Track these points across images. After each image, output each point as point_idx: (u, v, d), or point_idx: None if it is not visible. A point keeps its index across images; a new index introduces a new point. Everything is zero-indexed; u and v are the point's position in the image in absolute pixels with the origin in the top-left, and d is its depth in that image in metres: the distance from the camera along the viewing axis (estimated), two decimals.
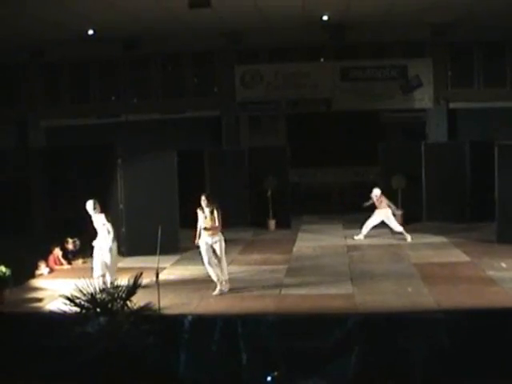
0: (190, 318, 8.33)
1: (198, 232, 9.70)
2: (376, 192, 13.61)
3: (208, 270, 9.69)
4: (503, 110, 18.66)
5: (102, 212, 9.91)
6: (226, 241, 9.80)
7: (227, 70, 19.94)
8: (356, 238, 13.81)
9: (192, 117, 19.97)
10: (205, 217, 9.56)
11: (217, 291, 9.56)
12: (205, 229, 9.56)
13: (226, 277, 9.74)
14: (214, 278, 9.64)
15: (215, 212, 9.54)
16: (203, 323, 8.30)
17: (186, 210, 10.45)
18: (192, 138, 19.45)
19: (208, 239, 9.59)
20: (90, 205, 9.84)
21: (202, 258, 9.69)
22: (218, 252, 9.62)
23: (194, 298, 9.34)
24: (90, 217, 9.91)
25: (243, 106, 19.99)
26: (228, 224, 9.71)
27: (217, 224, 9.55)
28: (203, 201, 9.59)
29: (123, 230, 12.33)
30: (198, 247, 9.77)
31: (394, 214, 13.81)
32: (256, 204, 16.07)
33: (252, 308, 8.72)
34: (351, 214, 13.96)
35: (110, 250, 9.74)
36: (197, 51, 19.84)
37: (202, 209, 9.61)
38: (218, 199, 9.88)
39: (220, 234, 9.67)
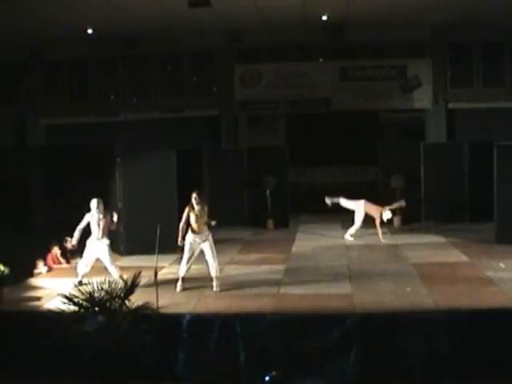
0: (188, 317, 8.32)
1: (181, 231, 9.60)
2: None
3: (181, 266, 9.69)
4: (502, 111, 18.66)
5: (104, 213, 9.93)
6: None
7: (226, 69, 19.92)
8: (349, 238, 13.78)
9: (191, 116, 19.94)
10: (196, 215, 9.53)
11: (179, 288, 9.61)
12: (194, 227, 9.52)
13: (218, 273, 9.71)
14: (181, 274, 9.66)
15: (206, 209, 9.53)
16: (201, 322, 8.29)
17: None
18: (191, 138, 19.42)
19: (196, 237, 9.55)
20: (94, 203, 9.89)
21: (183, 254, 9.66)
22: (209, 249, 9.59)
23: (193, 297, 9.32)
24: (83, 215, 9.96)
25: (242, 105, 19.97)
26: (227, 223, 9.66)
27: (207, 221, 9.53)
28: (195, 198, 9.54)
29: (122, 229, 12.32)
30: (183, 247, 9.70)
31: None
32: (255, 203, 16.06)
33: (250, 307, 8.71)
34: (350, 214, 13.93)
35: (109, 246, 9.80)
36: (196, 50, 19.82)
37: (193, 206, 9.57)
38: (216, 198, 9.87)
39: (208, 231, 9.66)
